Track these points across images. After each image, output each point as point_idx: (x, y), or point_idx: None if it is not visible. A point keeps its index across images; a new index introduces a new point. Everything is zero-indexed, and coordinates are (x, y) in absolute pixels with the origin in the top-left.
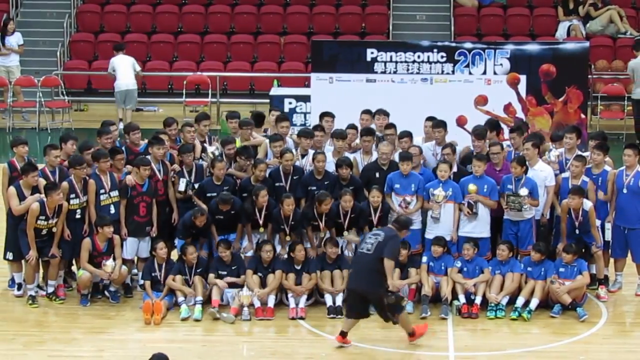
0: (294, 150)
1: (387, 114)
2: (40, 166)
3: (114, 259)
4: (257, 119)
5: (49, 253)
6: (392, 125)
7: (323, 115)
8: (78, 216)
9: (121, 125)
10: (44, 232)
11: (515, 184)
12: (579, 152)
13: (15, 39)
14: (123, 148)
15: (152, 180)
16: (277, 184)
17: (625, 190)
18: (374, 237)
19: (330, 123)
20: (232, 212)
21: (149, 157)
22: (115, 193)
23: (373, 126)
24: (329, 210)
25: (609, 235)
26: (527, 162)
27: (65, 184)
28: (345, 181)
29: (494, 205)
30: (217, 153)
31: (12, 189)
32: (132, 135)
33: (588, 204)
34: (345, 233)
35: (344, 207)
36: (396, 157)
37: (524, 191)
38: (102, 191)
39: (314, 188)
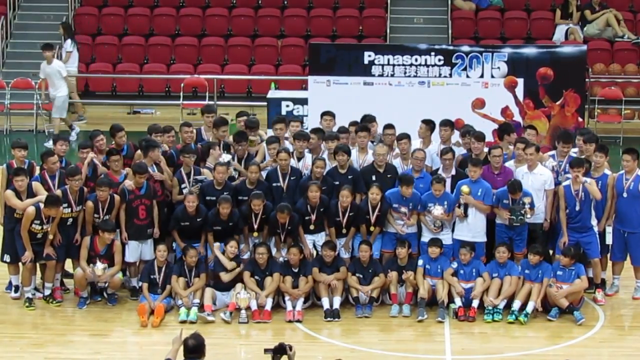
0: (289, 148)
1: (392, 127)
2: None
3: (103, 262)
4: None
5: (44, 254)
6: (391, 126)
7: (323, 114)
8: (69, 223)
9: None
10: (40, 235)
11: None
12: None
13: None
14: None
15: (149, 182)
16: (274, 184)
17: (625, 195)
18: None
19: (329, 122)
20: (231, 224)
21: (144, 160)
22: (108, 216)
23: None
24: (327, 207)
25: (609, 239)
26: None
27: (59, 192)
28: (343, 169)
29: (487, 210)
30: (226, 160)
31: (9, 191)
32: (118, 138)
33: (586, 178)
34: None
35: (342, 203)
36: (394, 162)
37: (528, 199)
38: (96, 215)
39: None
